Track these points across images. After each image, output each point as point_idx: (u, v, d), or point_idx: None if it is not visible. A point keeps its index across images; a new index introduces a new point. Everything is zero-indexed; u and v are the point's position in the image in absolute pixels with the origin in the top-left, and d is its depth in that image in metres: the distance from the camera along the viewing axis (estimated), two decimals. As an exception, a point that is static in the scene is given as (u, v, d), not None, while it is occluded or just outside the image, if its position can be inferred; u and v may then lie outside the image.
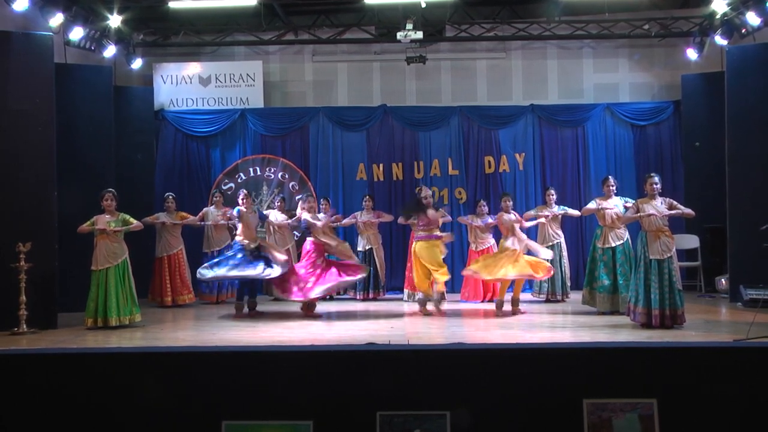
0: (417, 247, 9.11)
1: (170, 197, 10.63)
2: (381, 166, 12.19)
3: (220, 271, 9.12)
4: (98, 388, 2.80)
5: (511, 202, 9.73)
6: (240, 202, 9.66)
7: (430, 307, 9.10)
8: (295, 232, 11.38)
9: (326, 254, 9.43)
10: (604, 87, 12.40)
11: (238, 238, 9.46)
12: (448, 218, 10.10)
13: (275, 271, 9.04)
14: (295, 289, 9.09)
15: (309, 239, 9.41)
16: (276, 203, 11.38)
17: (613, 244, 8.75)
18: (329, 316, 9.36)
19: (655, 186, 7.81)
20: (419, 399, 2.71)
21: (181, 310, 10.15)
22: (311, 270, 9.17)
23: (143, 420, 2.76)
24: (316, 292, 9.05)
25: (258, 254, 9.26)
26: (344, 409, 2.73)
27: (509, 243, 9.10)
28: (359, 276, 9.47)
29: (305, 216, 9.35)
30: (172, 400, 2.77)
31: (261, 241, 9.66)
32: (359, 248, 11.01)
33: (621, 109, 12.15)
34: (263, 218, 10.07)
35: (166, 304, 10.24)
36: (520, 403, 2.73)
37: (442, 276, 9.01)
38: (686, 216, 7.95)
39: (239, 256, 9.21)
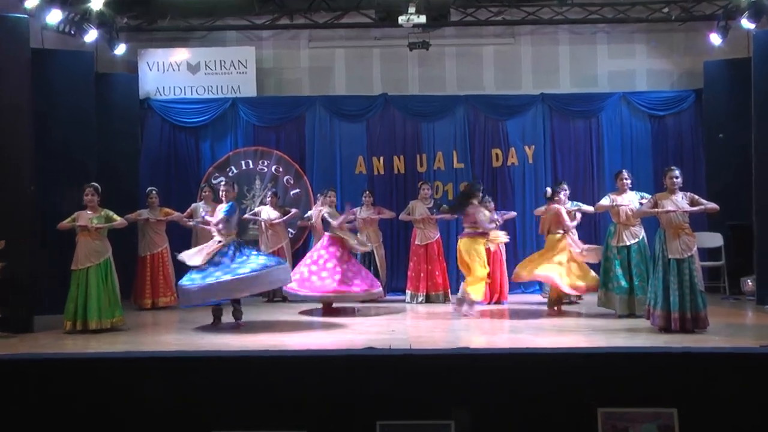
0: (460, 243, 9.33)
1: (153, 192, 10.61)
2: (381, 158, 12.18)
3: (206, 281, 8.09)
4: (79, 397, 2.79)
5: (567, 191, 9.81)
6: (221, 194, 8.79)
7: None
8: (289, 229, 11.38)
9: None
10: (620, 75, 12.38)
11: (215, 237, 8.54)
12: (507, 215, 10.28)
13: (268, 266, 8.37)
14: (314, 279, 9.36)
15: (327, 234, 9.85)
16: (267, 198, 11.35)
17: (628, 243, 8.73)
18: (326, 320, 9.37)
19: (675, 180, 7.76)
20: (422, 408, 2.71)
21: (166, 312, 10.13)
22: (337, 265, 9.50)
23: (128, 430, 2.76)
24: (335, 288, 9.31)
25: (240, 251, 8.45)
26: (342, 417, 2.72)
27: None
28: (376, 290, 9.72)
29: (325, 214, 9.92)
30: (159, 408, 2.77)
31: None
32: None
33: (638, 98, 12.13)
34: (227, 214, 8.54)
35: (145, 306, 10.23)
36: (529, 412, 2.73)
37: (470, 286, 9.12)
38: (710, 211, 7.83)
39: (216, 258, 8.30)
